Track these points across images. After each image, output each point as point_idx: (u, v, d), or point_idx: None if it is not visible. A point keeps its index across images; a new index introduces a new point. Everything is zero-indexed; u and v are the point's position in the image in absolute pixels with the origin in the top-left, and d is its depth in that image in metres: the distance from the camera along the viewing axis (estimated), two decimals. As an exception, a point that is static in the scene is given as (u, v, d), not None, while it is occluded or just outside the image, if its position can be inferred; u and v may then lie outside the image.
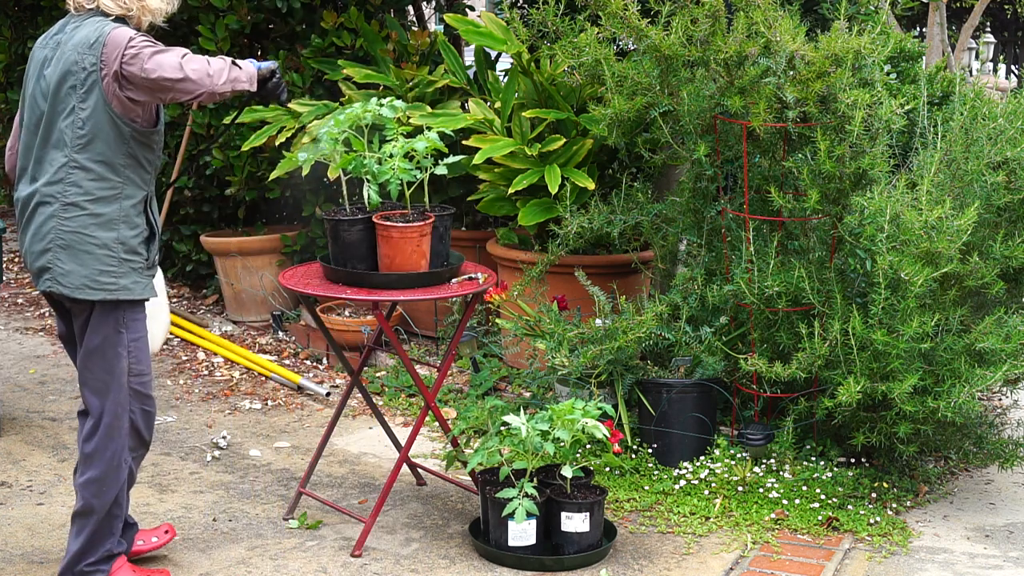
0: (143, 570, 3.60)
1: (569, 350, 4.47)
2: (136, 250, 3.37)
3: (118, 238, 3.34)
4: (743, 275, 4.27)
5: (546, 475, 3.90)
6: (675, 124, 4.58)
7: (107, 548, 3.50)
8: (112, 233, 3.33)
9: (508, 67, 5.67)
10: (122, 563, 3.54)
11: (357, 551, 3.82)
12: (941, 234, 3.84)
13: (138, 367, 3.44)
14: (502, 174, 5.33)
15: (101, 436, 3.43)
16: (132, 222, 3.36)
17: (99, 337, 3.38)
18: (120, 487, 3.47)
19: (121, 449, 3.45)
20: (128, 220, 3.36)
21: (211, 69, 3.30)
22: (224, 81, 3.32)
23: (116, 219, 3.34)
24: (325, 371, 5.78)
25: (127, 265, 3.35)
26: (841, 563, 3.84)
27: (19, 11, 7.42)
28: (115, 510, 3.48)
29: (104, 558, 3.50)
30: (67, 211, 3.31)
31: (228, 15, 6.26)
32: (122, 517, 3.54)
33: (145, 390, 3.48)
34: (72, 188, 3.30)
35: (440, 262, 3.90)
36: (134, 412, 3.47)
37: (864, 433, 4.14)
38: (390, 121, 3.88)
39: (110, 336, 3.38)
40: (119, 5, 3.37)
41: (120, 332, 3.38)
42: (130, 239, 3.36)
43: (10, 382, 5.52)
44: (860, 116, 4.01)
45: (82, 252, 3.31)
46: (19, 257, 7.99)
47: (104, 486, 3.44)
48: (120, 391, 3.41)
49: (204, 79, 3.29)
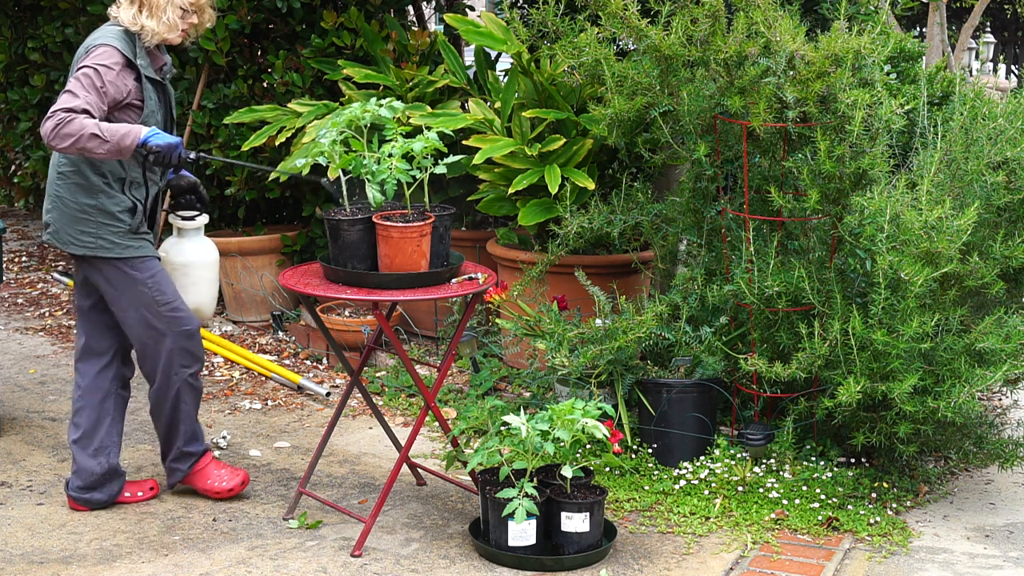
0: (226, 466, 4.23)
1: (569, 350, 4.47)
2: (117, 216, 3.94)
3: (97, 205, 3.93)
4: (743, 275, 4.27)
5: (546, 475, 3.90)
6: (675, 124, 4.58)
7: (182, 448, 4.18)
8: (92, 200, 3.93)
9: (508, 67, 5.67)
10: (208, 461, 4.23)
11: (357, 551, 3.82)
12: (941, 234, 3.84)
13: (162, 298, 4.00)
14: (502, 174, 5.33)
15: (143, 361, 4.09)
16: (110, 193, 3.93)
17: (113, 289, 4.00)
18: (177, 395, 4.07)
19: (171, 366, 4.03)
20: (107, 192, 3.93)
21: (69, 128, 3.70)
22: (68, 145, 3.73)
23: (96, 189, 3.93)
24: (325, 371, 5.78)
25: (106, 228, 3.94)
26: (841, 563, 3.84)
27: (19, 11, 7.42)
28: (177, 415, 4.11)
29: (179, 457, 4.20)
30: (60, 179, 3.97)
31: (228, 15, 6.26)
32: (190, 424, 4.15)
33: (176, 313, 4.01)
34: (64, 160, 3.95)
35: (440, 262, 3.90)
36: (175, 335, 4.01)
37: (864, 433, 4.14)
38: (389, 121, 3.88)
39: (123, 283, 3.98)
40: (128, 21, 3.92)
41: (131, 277, 3.97)
42: (109, 206, 3.93)
43: (10, 382, 5.52)
44: (860, 116, 4.01)
45: (68, 213, 3.95)
46: (19, 257, 7.99)
47: (162, 395, 4.10)
48: (152, 322, 4.00)
49: (48, 131, 3.73)
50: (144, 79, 3.91)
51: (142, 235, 4.01)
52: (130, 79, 3.87)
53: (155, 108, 3.96)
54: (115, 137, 3.71)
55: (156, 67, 4.00)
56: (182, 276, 4.19)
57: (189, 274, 4.20)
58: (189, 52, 6.46)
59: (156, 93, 3.97)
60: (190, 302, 4.15)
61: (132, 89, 3.88)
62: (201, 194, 4.19)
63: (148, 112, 3.93)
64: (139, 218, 3.98)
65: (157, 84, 3.99)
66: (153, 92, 3.95)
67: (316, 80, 6.27)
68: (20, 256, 8.01)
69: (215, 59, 6.34)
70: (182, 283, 4.16)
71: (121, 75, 3.84)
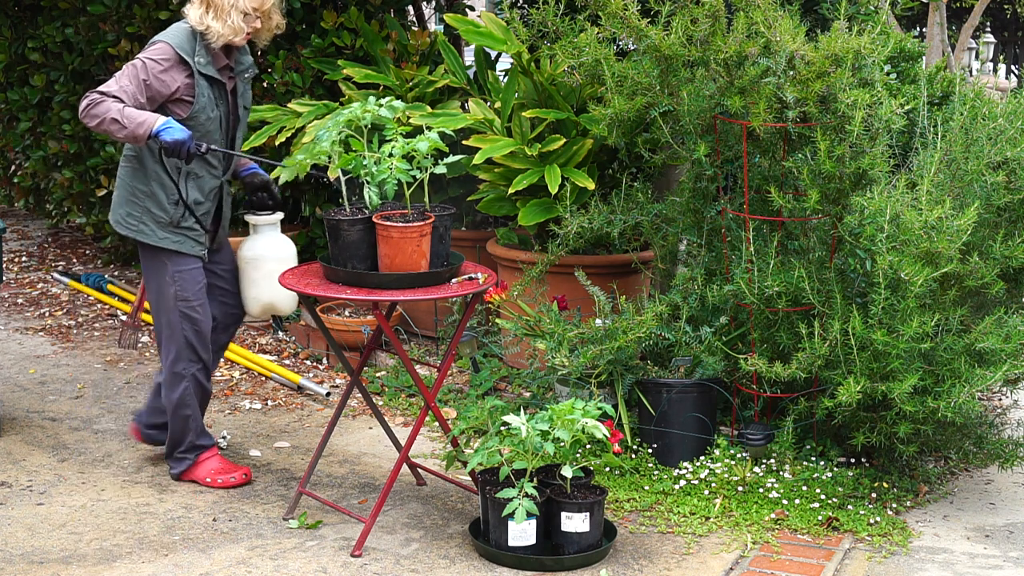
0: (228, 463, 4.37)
1: (569, 350, 4.46)
2: (163, 206, 4.13)
3: (148, 191, 4.13)
4: (743, 275, 4.27)
5: (546, 475, 3.90)
6: (675, 124, 4.58)
7: (189, 440, 4.33)
8: (144, 186, 4.14)
9: (508, 67, 5.67)
10: (211, 454, 4.37)
11: (357, 551, 3.82)
12: (941, 234, 3.84)
13: (182, 293, 4.18)
14: (502, 174, 5.33)
15: (161, 349, 4.27)
16: (163, 182, 4.12)
17: (147, 271, 4.23)
18: (181, 391, 4.25)
19: (176, 360, 4.23)
20: (160, 180, 4.12)
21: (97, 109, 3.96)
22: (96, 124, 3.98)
23: (151, 176, 4.13)
24: (325, 371, 5.78)
25: (149, 215, 4.14)
26: (841, 563, 3.84)
27: (19, 11, 7.42)
28: (182, 410, 4.28)
29: (189, 448, 4.34)
30: (123, 162, 4.21)
31: (228, 15, 6.25)
32: (194, 417, 4.30)
33: (192, 313, 4.20)
34: (129, 146, 4.16)
35: (440, 262, 3.90)
36: (186, 331, 4.20)
37: (864, 433, 4.14)
38: (389, 121, 3.88)
39: (154, 270, 4.20)
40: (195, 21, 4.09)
41: (160, 267, 4.18)
42: (159, 194, 4.13)
43: (10, 382, 5.52)
44: (860, 116, 4.01)
45: (122, 195, 4.20)
46: (19, 257, 7.99)
47: (171, 390, 4.27)
48: (169, 313, 4.20)
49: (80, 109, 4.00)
50: (199, 76, 4.06)
51: (183, 230, 4.16)
52: (181, 76, 4.05)
53: (207, 105, 4.10)
54: (131, 124, 3.92)
55: (219, 66, 4.14)
56: (253, 270, 4.33)
57: (260, 268, 4.32)
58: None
59: (213, 91, 4.12)
60: (261, 296, 4.32)
61: (182, 85, 4.05)
62: (272, 192, 4.34)
63: (198, 108, 4.08)
64: (183, 211, 4.14)
65: (216, 83, 4.13)
66: (208, 90, 4.10)
67: (316, 80, 6.27)
68: (20, 256, 8.01)
69: (215, 59, 6.33)
70: (253, 276, 4.31)
71: (170, 71, 4.03)
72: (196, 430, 4.34)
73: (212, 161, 4.19)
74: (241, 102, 4.28)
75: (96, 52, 6.88)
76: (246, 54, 4.29)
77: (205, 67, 4.08)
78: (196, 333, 4.23)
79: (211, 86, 4.12)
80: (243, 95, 4.28)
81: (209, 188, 4.21)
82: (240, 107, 4.27)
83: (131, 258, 7.63)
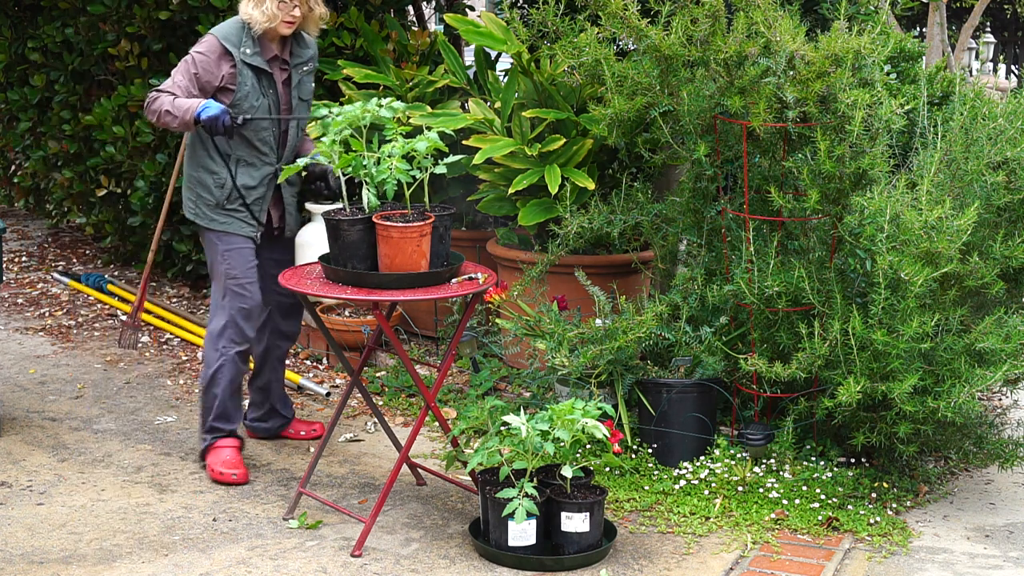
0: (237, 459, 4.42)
1: (569, 350, 4.46)
2: (210, 190, 4.37)
3: (199, 177, 4.39)
4: (743, 275, 4.27)
5: (546, 475, 3.90)
6: (675, 124, 4.58)
7: (211, 423, 4.45)
8: (196, 172, 4.40)
9: (508, 67, 5.67)
10: (227, 444, 4.45)
11: (357, 551, 3.82)
12: (941, 234, 3.84)
13: (231, 271, 4.38)
14: (502, 174, 5.33)
15: (209, 324, 4.46)
16: (211, 168, 4.36)
17: (206, 253, 4.50)
18: (217, 370, 4.40)
19: (219, 337, 4.40)
20: (208, 166, 4.36)
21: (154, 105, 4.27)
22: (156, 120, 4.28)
23: (202, 162, 4.37)
24: (325, 371, 5.78)
25: (201, 199, 4.39)
26: (841, 563, 3.84)
27: (19, 11, 7.41)
28: (212, 388, 4.43)
29: (209, 429, 4.46)
30: (187, 150, 4.46)
31: (228, 15, 6.25)
32: (221, 400, 4.42)
33: (241, 291, 4.38)
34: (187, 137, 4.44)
35: (440, 262, 3.90)
36: (233, 309, 4.38)
37: (864, 433, 4.14)
38: (389, 121, 3.88)
39: (209, 250, 4.45)
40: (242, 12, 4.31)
41: (213, 246, 4.41)
42: (207, 179, 4.37)
43: (10, 382, 5.52)
44: (860, 116, 4.01)
45: (186, 182, 4.45)
46: (19, 257, 7.99)
47: (207, 366, 4.45)
48: (219, 291, 4.42)
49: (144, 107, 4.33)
50: (242, 66, 4.26)
51: (230, 211, 4.38)
52: (226, 66, 4.27)
53: (250, 93, 4.28)
54: (180, 113, 4.20)
55: (268, 56, 4.32)
56: (300, 257, 4.63)
57: (304, 256, 4.61)
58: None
59: (259, 80, 4.31)
60: None
61: (226, 75, 4.27)
62: (328, 181, 4.41)
63: (241, 96, 4.27)
64: (228, 194, 4.35)
65: (262, 72, 4.30)
66: (252, 78, 4.29)
67: (316, 80, 6.26)
68: (20, 256, 8.00)
69: (215, 59, 6.33)
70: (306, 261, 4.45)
71: (217, 62, 4.26)
72: (219, 412, 4.44)
73: (263, 148, 4.35)
74: (296, 93, 4.42)
75: (96, 52, 6.88)
76: (306, 47, 4.46)
77: (251, 57, 4.27)
78: (242, 312, 4.38)
79: (257, 75, 4.30)
80: (299, 86, 4.43)
81: (262, 175, 4.38)
82: (295, 98, 4.42)
83: (131, 258, 7.63)
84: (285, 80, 4.40)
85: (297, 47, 4.41)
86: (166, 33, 6.64)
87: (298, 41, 4.42)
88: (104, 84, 7.14)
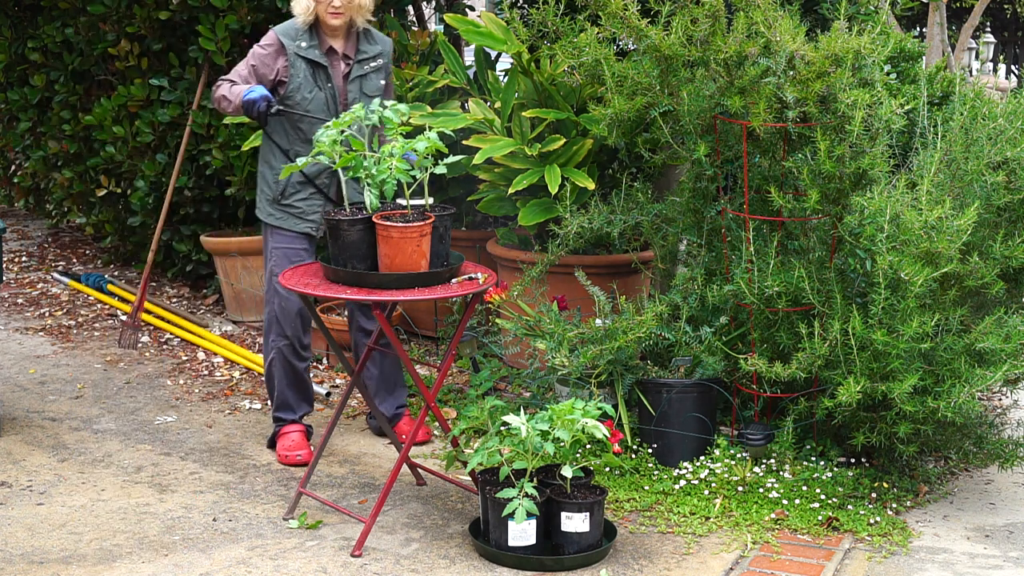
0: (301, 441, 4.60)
1: (569, 350, 4.46)
2: (268, 184, 4.54)
3: (262, 171, 4.58)
4: (743, 275, 4.27)
5: (546, 475, 3.90)
6: (675, 124, 4.58)
7: (274, 413, 4.68)
8: (261, 167, 4.59)
9: (508, 67, 5.67)
10: (291, 429, 4.64)
11: (357, 551, 3.82)
12: (941, 234, 3.84)
13: (275, 269, 4.50)
14: (502, 174, 5.33)
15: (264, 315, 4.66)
16: (271, 163, 4.53)
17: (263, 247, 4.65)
18: (270, 364, 4.62)
19: (268, 331, 4.61)
20: (269, 161, 4.55)
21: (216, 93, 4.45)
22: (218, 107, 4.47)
23: (266, 157, 4.57)
24: (325, 371, 5.78)
25: (263, 194, 4.58)
26: (841, 563, 3.84)
27: (19, 11, 7.41)
28: (270, 380, 4.66)
29: (274, 419, 4.70)
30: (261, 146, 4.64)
31: (228, 15, 6.26)
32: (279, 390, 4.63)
33: (280, 288, 4.47)
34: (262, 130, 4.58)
35: (440, 262, 3.90)
36: (273, 305, 4.56)
37: (864, 433, 4.14)
38: (389, 121, 3.88)
39: (264, 243, 4.62)
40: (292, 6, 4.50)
41: (266, 241, 4.58)
42: (267, 174, 4.55)
43: (10, 382, 5.52)
44: (860, 116, 4.01)
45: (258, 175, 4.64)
46: (19, 257, 7.99)
47: (264, 357, 4.70)
48: (268, 289, 4.59)
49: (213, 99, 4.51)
50: (295, 58, 4.41)
51: (284, 207, 4.52)
52: (281, 59, 4.43)
53: (302, 85, 4.42)
54: (233, 97, 4.36)
55: (324, 49, 4.46)
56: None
57: None
58: (189, 52, 6.47)
59: (313, 73, 4.43)
60: None
61: (281, 68, 4.43)
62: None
63: (293, 88, 4.42)
64: (282, 188, 4.50)
65: (317, 65, 4.43)
66: (306, 71, 4.42)
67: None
68: (20, 256, 8.01)
69: (215, 59, 6.33)
70: None
71: (273, 56, 4.43)
72: (279, 403, 4.64)
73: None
74: (360, 88, 4.50)
75: (96, 52, 6.89)
76: (373, 43, 4.55)
77: (306, 50, 4.41)
78: (281, 309, 4.54)
79: (310, 67, 4.42)
80: (364, 81, 4.51)
81: (315, 171, 4.48)
82: (357, 92, 4.49)
83: (131, 258, 7.63)
84: (345, 74, 4.48)
85: (364, 43, 4.51)
86: (166, 33, 6.64)
87: (366, 37, 4.52)
88: (104, 84, 7.14)
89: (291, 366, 4.61)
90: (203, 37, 6.27)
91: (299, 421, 4.68)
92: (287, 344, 4.57)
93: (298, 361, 4.62)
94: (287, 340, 4.57)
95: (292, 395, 4.65)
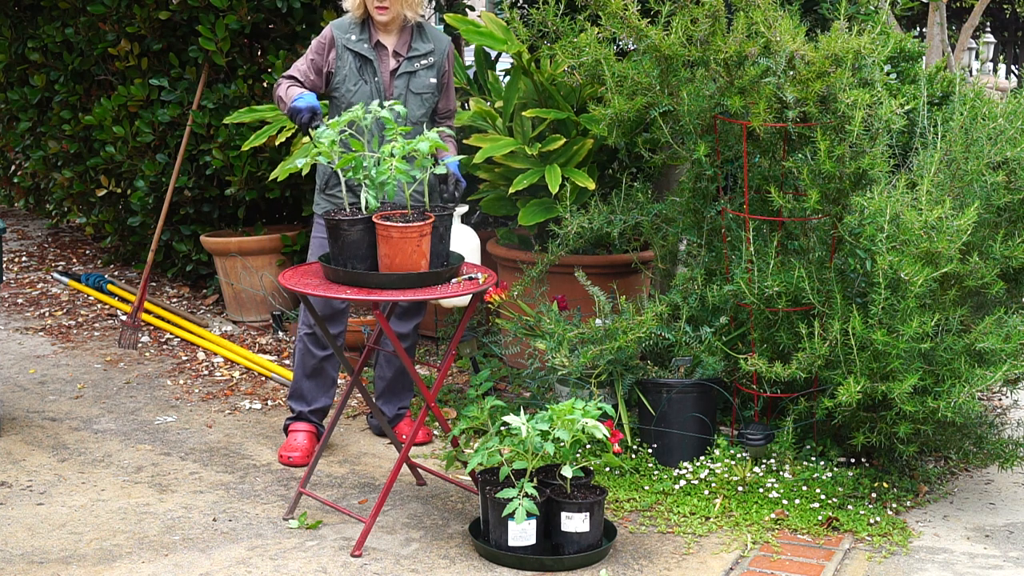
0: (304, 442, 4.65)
1: (569, 350, 4.46)
2: (319, 172, 4.58)
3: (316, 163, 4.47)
4: (743, 275, 4.27)
5: (546, 475, 3.90)
6: (675, 124, 4.57)
7: (288, 400, 4.78)
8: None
9: (508, 67, 5.67)
10: (300, 428, 4.70)
11: (357, 551, 3.82)
12: (941, 234, 3.84)
13: (310, 259, 4.48)
14: (502, 174, 5.33)
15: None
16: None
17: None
18: (296, 349, 4.71)
19: (302, 321, 4.65)
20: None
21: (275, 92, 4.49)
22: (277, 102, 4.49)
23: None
24: (325, 371, 5.77)
25: (317, 185, 4.62)
26: (841, 563, 3.84)
27: (19, 11, 7.42)
28: (296, 370, 4.72)
29: (288, 407, 4.81)
30: None
31: (228, 15, 6.26)
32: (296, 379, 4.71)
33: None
34: None
35: (440, 262, 3.90)
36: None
37: (864, 433, 4.14)
38: (389, 121, 3.88)
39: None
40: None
41: (313, 228, 4.63)
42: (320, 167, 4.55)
43: (10, 382, 5.52)
44: (860, 116, 4.01)
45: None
46: (19, 257, 7.99)
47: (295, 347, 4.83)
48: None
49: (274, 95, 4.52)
50: (343, 50, 4.45)
51: (329, 197, 4.56)
52: (332, 52, 4.48)
53: (348, 77, 4.45)
54: (287, 99, 4.37)
55: (372, 43, 4.47)
56: None
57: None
58: (189, 52, 6.47)
59: (361, 66, 4.46)
60: None
61: (331, 59, 4.48)
62: (448, 184, 4.41)
63: (339, 79, 4.47)
64: (326, 179, 4.55)
65: (364, 59, 4.45)
66: (352, 63, 4.46)
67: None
68: (20, 256, 8.01)
69: (215, 59, 6.34)
70: None
71: (327, 48, 4.48)
72: (292, 390, 4.74)
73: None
74: (407, 84, 4.48)
75: (96, 52, 6.89)
76: (427, 41, 4.53)
77: (354, 44, 4.45)
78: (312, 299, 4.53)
79: (357, 60, 4.45)
80: (412, 77, 4.49)
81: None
82: (403, 88, 4.47)
83: (131, 258, 7.63)
84: (393, 70, 4.48)
85: (417, 39, 4.51)
86: (166, 33, 6.64)
87: (420, 35, 4.52)
88: (104, 84, 7.14)
89: (309, 355, 4.66)
90: (203, 37, 6.28)
91: (310, 417, 4.71)
92: (310, 335, 4.64)
93: (319, 350, 4.66)
94: (310, 329, 4.63)
95: (308, 385, 4.69)
